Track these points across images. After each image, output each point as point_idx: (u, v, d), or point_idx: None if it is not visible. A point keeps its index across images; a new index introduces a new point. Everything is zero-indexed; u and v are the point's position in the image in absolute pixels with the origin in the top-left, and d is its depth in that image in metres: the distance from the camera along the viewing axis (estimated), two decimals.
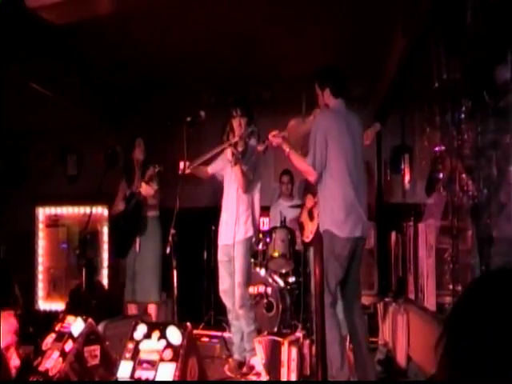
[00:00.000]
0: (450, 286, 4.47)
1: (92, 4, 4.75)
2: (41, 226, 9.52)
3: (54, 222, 9.46)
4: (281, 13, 6.03)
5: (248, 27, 6.37)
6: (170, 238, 4.44)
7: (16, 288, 6.54)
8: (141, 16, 5.68)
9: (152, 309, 6.06)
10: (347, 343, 5.02)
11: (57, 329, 4.26)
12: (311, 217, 4.84)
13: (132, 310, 6.08)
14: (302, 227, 5.06)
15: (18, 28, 5.76)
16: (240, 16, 6.06)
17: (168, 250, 4.46)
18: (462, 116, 4.52)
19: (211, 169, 5.46)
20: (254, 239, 5.30)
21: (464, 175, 4.53)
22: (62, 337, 4.15)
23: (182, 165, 5.10)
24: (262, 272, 6.57)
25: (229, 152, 5.04)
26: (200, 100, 8.35)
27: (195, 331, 5.65)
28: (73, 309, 6.65)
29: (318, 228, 4.60)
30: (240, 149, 5.11)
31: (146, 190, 5.92)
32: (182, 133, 5.03)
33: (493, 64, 4.06)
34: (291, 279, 6.70)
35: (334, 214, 4.34)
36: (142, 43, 6.69)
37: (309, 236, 4.90)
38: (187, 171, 5.15)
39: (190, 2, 5.18)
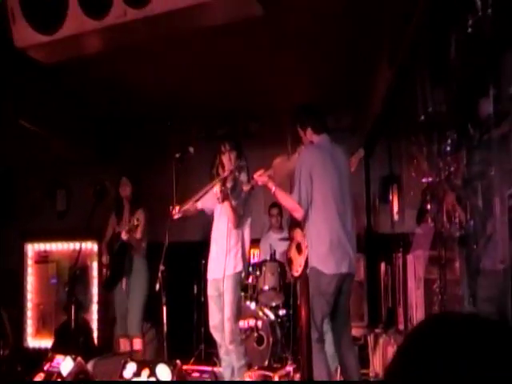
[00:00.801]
0: None
1: (81, 43, 4.77)
2: (30, 262, 9.44)
3: (43, 258, 9.39)
4: (268, 46, 6.11)
5: (236, 60, 6.43)
6: (160, 275, 4.44)
7: (7, 326, 6.49)
8: (130, 51, 5.72)
9: (137, 343, 6.08)
10: (338, 376, 5.00)
11: (45, 368, 4.23)
12: (299, 250, 4.85)
13: (127, 345, 6.09)
14: (290, 262, 5.06)
15: (8, 66, 5.82)
16: (228, 50, 6.12)
17: (158, 287, 4.46)
18: (448, 148, 4.58)
19: (201, 204, 5.44)
20: (243, 274, 5.28)
21: (451, 206, 4.57)
22: (51, 376, 4.13)
23: (173, 210, 5.12)
24: (253, 305, 6.54)
25: (217, 189, 5.02)
26: (189, 133, 8.40)
27: (185, 366, 5.62)
28: (60, 346, 6.59)
29: (306, 262, 4.60)
30: (229, 184, 5.10)
31: (128, 238, 5.98)
32: (171, 168, 5.07)
33: (476, 98, 4.13)
34: (282, 312, 6.67)
35: (319, 250, 4.35)
36: (131, 78, 6.75)
37: (298, 270, 4.90)
38: (178, 216, 5.17)
39: (178, 37, 5.24)
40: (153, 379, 3.78)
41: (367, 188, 7.96)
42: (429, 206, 5.24)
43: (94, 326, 8.60)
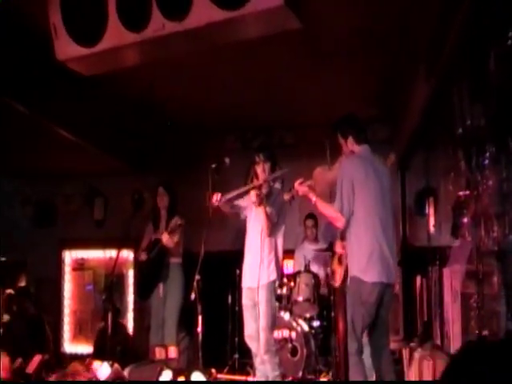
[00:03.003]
0: (477, 332, 4.42)
1: (120, 56, 4.86)
2: (67, 269, 9.62)
3: (80, 266, 9.57)
4: (305, 59, 6.14)
5: (273, 73, 6.48)
6: (195, 284, 4.47)
7: (48, 332, 6.61)
8: (167, 62, 5.80)
9: (172, 351, 6.11)
10: None
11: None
12: (340, 262, 4.84)
13: (162, 354, 6.14)
14: (333, 273, 5.05)
15: (48, 75, 5.95)
16: (266, 62, 6.17)
17: (193, 296, 4.49)
18: (487, 161, 4.54)
19: (236, 203, 5.44)
20: (277, 283, 5.28)
21: (491, 220, 4.52)
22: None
23: (215, 197, 5.13)
24: (287, 316, 6.53)
25: (253, 194, 5.05)
26: (225, 144, 8.47)
27: (220, 375, 5.64)
28: (100, 352, 6.68)
29: (345, 273, 4.58)
30: (264, 191, 5.13)
31: (168, 241, 6.05)
32: (206, 178, 5.11)
33: None
34: (316, 323, 6.65)
35: (360, 259, 4.32)
36: (168, 88, 6.83)
37: (338, 281, 4.89)
38: (219, 203, 5.15)
39: (215, 49, 5.29)
40: None
41: (403, 201, 7.91)
42: (466, 220, 5.19)
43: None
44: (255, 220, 5.21)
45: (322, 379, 5.24)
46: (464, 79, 4.86)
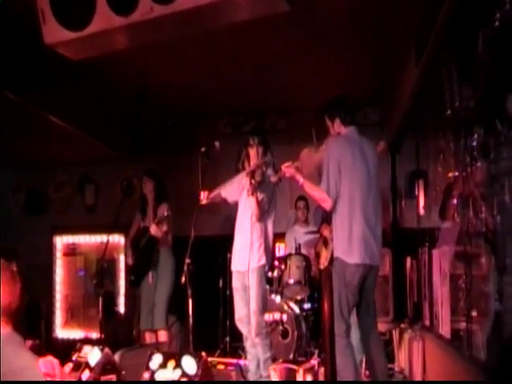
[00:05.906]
0: (465, 313, 4.45)
1: (109, 39, 4.83)
2: (59, 254, 9.63)
3: (71, 251, 9.59)
4: (296, 44, 6.12)
5: (265, 56, 6.46)
6: (186, 268, 4.49)
7: (41, 318, 6.62)
8: (157, 47, 5.77)
9: (162, 335, 6.15)
10: (363, 369, 5.01)
11: (74, 358, 4.31)
12: (326, 245, 4.86)
13: (152, 338, 6.17)
14: (318, 256, 5.06)
15: (38, 63, 5.92)
16: (257, 46, 6.15)
17: (183, 280, 4.51)
18: (475, 143, 4.55)
19: (224, 193, 5.48)
20: (267, 267, 5.30)
21: (478, 201, 4.54)
22: (79, 366, 4.20)
23: (202, 195, 5.18)
24: (278, 299, 6.58)
25: (246, 182, 5.05)
26: (216, 129, 8.45)
27: (211, 358, 5.66)
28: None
29: (331, 255, 4.61)
30: (258, 178, 5.13)
31: (156, 231, 6.09)
32: (197, 162, 5.11)
33: (504, 92, 4.09)
34: (306, 306, 6.69)
35: (345, 240, 4.35)
36: (158, 73, 6.80)
37: (324, 263, 4.91)
38: (205, 202, 5.23)
39: (207, 33, 5.27)
40: (178, 371, 3.84)
41: (393, 183, 7.93)
42: (455, 201, 5.21)
43: None
44: (246, 204, 5.23)
45: (313, 361, 5.27)
46: (453, 61, 4.86)
